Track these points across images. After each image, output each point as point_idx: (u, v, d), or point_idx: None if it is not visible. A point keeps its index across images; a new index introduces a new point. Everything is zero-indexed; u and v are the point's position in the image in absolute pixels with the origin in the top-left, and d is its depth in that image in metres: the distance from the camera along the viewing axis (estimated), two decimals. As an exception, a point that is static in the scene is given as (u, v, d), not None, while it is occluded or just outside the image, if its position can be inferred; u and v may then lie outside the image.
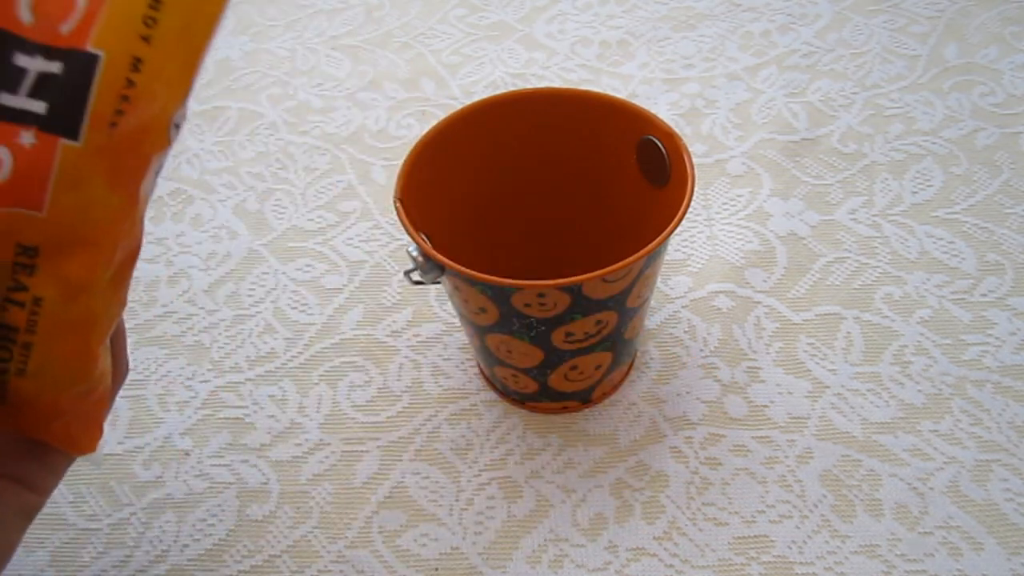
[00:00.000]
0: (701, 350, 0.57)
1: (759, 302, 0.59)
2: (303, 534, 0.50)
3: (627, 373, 0.56)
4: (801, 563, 0.47)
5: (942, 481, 0.49)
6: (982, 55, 0.75)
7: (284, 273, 0.64)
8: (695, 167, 0.44)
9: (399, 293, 0.62)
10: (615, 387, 0.55)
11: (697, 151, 0.69)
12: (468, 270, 0.41)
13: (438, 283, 0.46)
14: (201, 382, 0.58)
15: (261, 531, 0.50)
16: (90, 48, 0.26)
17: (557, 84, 0.77)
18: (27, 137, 0.27)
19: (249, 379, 0.58)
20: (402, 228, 0.48)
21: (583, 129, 0.51)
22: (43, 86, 0.27)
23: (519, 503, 0.50)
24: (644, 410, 0.54)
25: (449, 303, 0.60)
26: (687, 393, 0.54)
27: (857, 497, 0.49)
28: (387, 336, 0.59)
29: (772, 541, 0.48)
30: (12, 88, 0.26)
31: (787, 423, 0.52)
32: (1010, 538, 0.47)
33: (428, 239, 0.45)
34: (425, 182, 0.47)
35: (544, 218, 0.56)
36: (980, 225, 0.62)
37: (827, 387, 0.54)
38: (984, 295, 0.58)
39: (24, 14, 0.26)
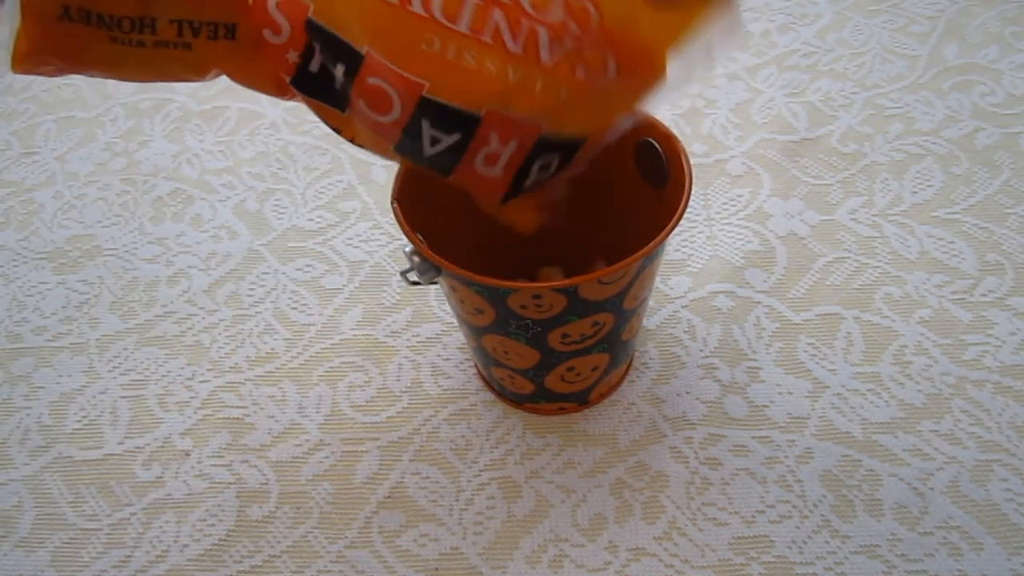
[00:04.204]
0: (701, 350, 0.57)
1: (759, 302, 0.59)
2: (303, 534, 0.50)
3: (625, 374, 0.56)
4: (801, 563, 0.47)
5: (942, 481, 0.49)
6: (982, 55, 0.75)
7: (284, 273, 0.64)
8: (694, 168, 0.44)
9: (399, 293, 0.62)
10: (612, 388, 0.55)
11: (697, 151, 0.69)
12: (464, 271, 0.41)
13: (435, 284, 0.46)
14: (201, 382, 0.58)
15: (261, 531, 0.50)
16: None
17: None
18: None
19: (249, 379, 0.58)
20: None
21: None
22: None
23: (519, 503, 0.50)
24: (644, 410, 0.54)
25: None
26: (687, 393, 0.54)
27: (857, 497, 0.49)
28: (387, 336, 0.59)
29: (772, 541, 0.48)
30: None
31: (787, 423, 0.52)
32: (1010, 538, 0.47)
33: (425, 240, 0.45)
34: (423, 183, 0.47)
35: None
36: (980, 225, 0.62)
37: (827, 387, 0.54)
38: (984, 295, 0.58)
39: None
